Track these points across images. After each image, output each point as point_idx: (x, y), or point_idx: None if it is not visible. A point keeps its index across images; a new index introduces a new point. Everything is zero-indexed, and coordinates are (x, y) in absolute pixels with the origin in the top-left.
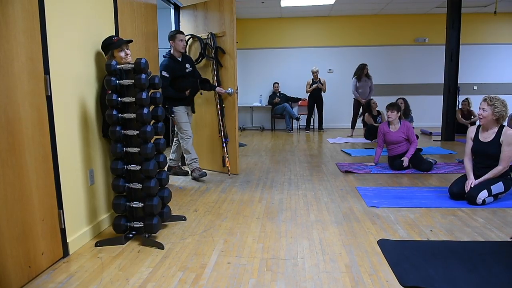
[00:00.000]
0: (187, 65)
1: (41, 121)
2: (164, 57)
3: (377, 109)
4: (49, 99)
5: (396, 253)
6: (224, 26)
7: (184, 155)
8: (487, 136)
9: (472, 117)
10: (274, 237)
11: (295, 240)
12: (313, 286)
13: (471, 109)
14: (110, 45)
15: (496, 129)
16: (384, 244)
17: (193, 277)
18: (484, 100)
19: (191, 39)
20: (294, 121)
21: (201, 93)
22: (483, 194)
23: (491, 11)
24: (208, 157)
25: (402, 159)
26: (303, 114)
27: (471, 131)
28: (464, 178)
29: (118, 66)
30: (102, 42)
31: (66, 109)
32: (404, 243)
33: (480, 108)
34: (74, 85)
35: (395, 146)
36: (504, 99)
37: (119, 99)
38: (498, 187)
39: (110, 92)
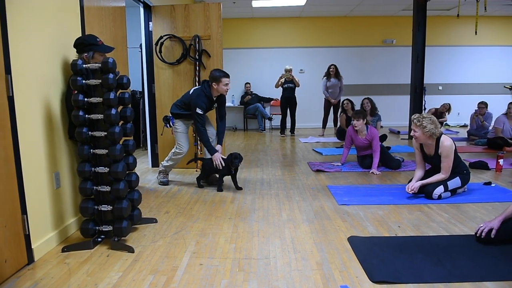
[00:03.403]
0: (215, 104)
1: (2, 122)
2: (201, 90)
3: (352, 109)
4: (11, 99)
5: (366, 249)
6: (210, 30)
7: (167, 158)
8: (429, 150)
9: (442, 118)
10: (246, 237)
11: (267, 240)
12: (285, 285)
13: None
14: (92, 46)
15: (434, 143)
16: (354, 241)
17: (164, 280)
18: (413, 121)
19: (169, 39)
20: (267, 121)
21: None
22: (439, 189)
23: (454, 14)
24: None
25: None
26: (275, 114)
27: (415, 143)
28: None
29: (84, 65)
30: (79, 38)
31: (29, 110)
32: (373, 240)
33: (412, 129)
34: (38, 85)
35: (362, 149)
36: (431, 116)
37: (85, 99)
38: (454, 183)
39: (76, 92)
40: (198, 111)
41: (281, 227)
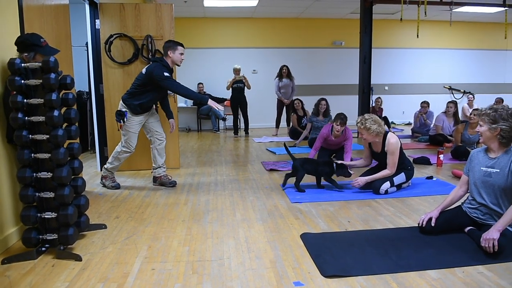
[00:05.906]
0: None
1: None
2: (155, 61)
3: (302, 108)
4: None
5: (318, 245)
6: (163, 30)
7: (111, 160)
8: (376, 148)
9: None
10: (200, 239)
11: (221, 241)
12: (239, 285)
13: (381, 106)
14: (35, 46)
15: (381, 140)
16: (306, 238)
17: (114, 287)
18: (357, 125)
19: (119, 38)
20: (221, 121)
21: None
22: (386, 185)
23: (398, 18)
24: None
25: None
26: (229, 115)
27: (365, 142)
28: (369, 172)
29: (23, 64)
30: (21, 37)
31: None
32: (325, 235)
33: (359, 133)
34: None
35: (330, 146)
36: (372, 115)
37: (25, 100)
38: (400, 178)
39: (14, 93)
40: (166, 74)
41: (235, 227)
